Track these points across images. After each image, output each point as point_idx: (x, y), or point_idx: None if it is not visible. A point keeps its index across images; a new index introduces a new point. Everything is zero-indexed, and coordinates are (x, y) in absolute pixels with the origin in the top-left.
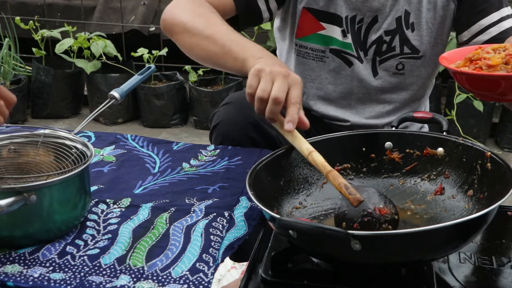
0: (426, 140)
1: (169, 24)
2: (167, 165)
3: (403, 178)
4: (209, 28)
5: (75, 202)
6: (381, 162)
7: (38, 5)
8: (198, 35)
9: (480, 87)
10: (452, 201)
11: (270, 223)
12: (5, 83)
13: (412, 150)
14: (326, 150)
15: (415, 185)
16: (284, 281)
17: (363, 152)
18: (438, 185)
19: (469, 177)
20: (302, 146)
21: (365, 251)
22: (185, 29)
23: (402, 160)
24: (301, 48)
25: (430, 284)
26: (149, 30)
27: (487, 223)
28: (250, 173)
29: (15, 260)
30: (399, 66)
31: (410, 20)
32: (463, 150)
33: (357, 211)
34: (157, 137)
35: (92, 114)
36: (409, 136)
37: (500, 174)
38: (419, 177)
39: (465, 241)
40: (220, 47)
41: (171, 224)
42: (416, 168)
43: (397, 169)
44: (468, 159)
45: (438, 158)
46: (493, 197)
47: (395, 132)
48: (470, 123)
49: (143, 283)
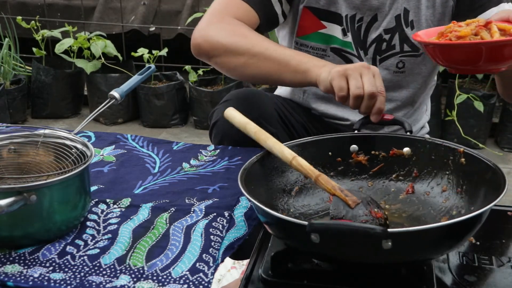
0: (391, 141)
1: (206, 49)
2: (167, 165)
3: (371, 180)
4: (256, 46)
5: (75, 202)
6: (347, 165)
7: (38, 5)
8: (244, 54)
9: (451, 58)
10: (427, 198)
11: (273, 229)
12: (5, 83)
13: (378, 151)
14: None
15: (384, 185)
16: (284, 281)
17: (329, 156)
18: (409, 184)
19: (440, 174)
20: (284, 151)
21: (394, 249)
22: (228, 51)
23: (368, 162)
24: (301, 46)
25: (430, 284)
26: (149, 30)
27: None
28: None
29: (15, 260)
30: (399, 64)
31: (410, 18)
32: (431, 148)
33: (355, 213)
34: (157, 137)
35: (92, 114)
36: (374, 138)
37: (479, 168)
38: (387, 178)
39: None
40: (276, 63)
41: (171, 224)
42: (383, 169)
43: (364, 171)
44: (438, 156)
45: (405, 158)
46: (474, 191)
47: (360, 135)
48: (470, 123)
49: (143, 283)
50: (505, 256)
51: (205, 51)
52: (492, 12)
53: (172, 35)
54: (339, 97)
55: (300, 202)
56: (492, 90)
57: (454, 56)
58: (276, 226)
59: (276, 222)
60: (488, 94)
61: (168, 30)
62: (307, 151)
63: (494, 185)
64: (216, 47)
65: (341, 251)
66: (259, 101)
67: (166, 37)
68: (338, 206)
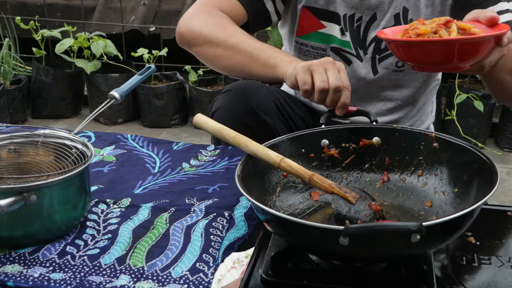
0: (360, 132)
1: (187, 37)
2: (167, 165)
3: (345, 172)
4: (231, 38)
5: (75, 202)
6: (321, 160)
7: (38, 5)
8: (221, 46)
9: (411, 56)
10: (404, 184)
11: (277, 230)
12: (5, 83)
13: (348, 143)
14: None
15: (359, 176)
16: (284, 281)
17: (302, 153)
18: (384, 173)
19: (413, 159)
20: (270, 154)
21: (421, 241)
22: (206, 41)
23: (340, 155)
24: (302, 46)
25: (430, 284)
26: (149, 30)
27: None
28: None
29: (15, 260)
30: (398, 63)
31: (409, 16)
32: (400, 135)
33: (357, 208)
34: (157, 137)
35: (92, 114)
36: (343, 131)
37: (453, 151)
38: (360, 169)
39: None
40: (247, 56)
41: (171, 224)
42: (355, 160)
43: (337, 164)
44: (408, 143)
45: (375, 147)
46: (453, 172)
47: (328, 129)
48: (470, 123)
49: (143, 283)
50: (505, 256)
51: (186, 40)
52: (504, 6)
53: (172, 35)
54: (303, 91)
55: (285, 202)
56: None
57: (413, 54)
58: (302, 235)
59: (303, 230)
60: (488, 94)
61: (168, 30)
62: (281, 150)
63: (472, 164)
64: (196, 36)
65: (370, 250)
66: (257, 92)
67: (166, 37)
68: (340, 204)
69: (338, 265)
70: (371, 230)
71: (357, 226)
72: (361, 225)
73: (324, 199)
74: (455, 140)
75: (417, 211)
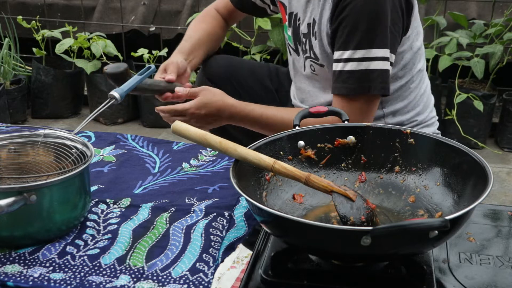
0: (334, 132)
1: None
2: (167, 165)
3: (323, 172)
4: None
5: (75, 202)
6: (298, 162)
7: (38, 5)
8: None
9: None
10: (382, 181)
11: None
12: (5, 83)
13: (323, 144)
14: (245, 163)
15: (336, 175)
16: (284, 281)
17: (281, 155)
18: (362, 173)
19: (389, 157)
20: (262, 157)
21: (437, 237)
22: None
23: (316, 155)
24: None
25: (430, 284)
26: (149, 30)
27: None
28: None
29: (15, 260)
30: (312, 67)
31: (315, 28)
32: (374, 133)
33: (358, 205)
34: (157, 137)
35: (92, 114)
36: (318, 131)
37: (429, 146)
38: (337, 168)
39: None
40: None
41: (171, 224)
42: (332, 160)
43: (314, 165)
44: (383, 141)
45: (350, 146)
46: (430, 167)
47: (303, 130)
48: (470, 123)
49: (143, 283)
50: (505, 256)
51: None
52: (344, 55)
53: (172, 35)
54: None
55: (274, 207)
56: (492, 90)
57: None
58: (325, 239)
59: (325, 233)
60: (488, 94)
61: (168, 30)
62: (262, 154)
63: (450, 156)
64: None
65: (389, 249)
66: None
67: (166, 37)
68: (342, 202)
69: (338, 265)
70: (399, 230)
71: (384, 226)
72: (388, 225)
73: (307, 201)
74: (430, 135)
75: (402, 207)
